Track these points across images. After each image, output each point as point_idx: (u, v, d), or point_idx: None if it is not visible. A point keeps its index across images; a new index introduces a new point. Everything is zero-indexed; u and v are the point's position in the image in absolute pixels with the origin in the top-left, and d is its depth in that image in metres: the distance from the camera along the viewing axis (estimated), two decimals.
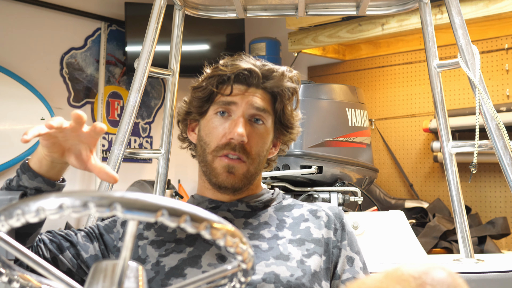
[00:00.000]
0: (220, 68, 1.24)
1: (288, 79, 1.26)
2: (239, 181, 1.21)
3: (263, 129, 1.24)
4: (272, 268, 1.12)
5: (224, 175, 1.20)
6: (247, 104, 1.21)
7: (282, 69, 1.25)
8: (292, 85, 1.27)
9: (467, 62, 1.61)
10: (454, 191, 1.65)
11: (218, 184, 1.22)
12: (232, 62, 1.24)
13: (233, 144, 1.19)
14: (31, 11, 3.41)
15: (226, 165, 1.20)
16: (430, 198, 3.52)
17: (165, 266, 1.15)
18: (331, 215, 1.25)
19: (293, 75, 1.27)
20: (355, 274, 1.21)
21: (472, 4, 2.92)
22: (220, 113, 1.23)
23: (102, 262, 0.71)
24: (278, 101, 1.26)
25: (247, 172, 1.21)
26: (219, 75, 1.23)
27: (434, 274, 0.63)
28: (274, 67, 1.25)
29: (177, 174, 3.85)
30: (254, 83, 1.23)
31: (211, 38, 3.91)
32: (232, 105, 1.22)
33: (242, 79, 1.22)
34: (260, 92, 1.24)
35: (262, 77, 1.23)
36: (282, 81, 1.25)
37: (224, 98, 1.22)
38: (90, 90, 3.70)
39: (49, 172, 1.05)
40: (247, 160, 1.20)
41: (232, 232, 0.69)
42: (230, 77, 1.22)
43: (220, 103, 1.23)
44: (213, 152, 1.21)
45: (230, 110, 1.22)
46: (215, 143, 1.21)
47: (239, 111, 1.21)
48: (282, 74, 1.25)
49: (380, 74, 3.83)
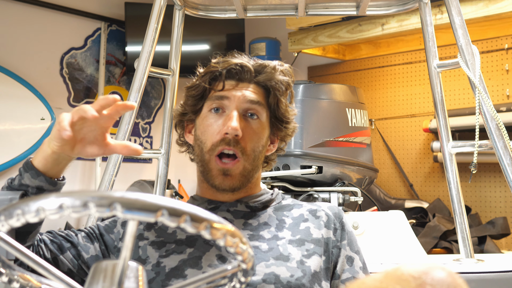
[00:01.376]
0: (212, 65, 1.25)
1: (280, 72, 1.26)
2: (237, 181, 1.21)
3: (258, 124, 1.24)
4: (272, 268, 1.12)
5: (220, 178, 1.20)
6: (240, 98, 1.22)
7: (273, 63, 1.27)
8: (285, 78, 1.27)
9: (467, 62, 1.61)
10: (454, 191, 1.65)
11: (215, 186, 1.22)
12: (224, 59, 1.26)
13: (227, 139, 1.19)
14: (31, 11, 3.41)
15: (220, 169, 1.20)
16: (430, 198, 3.52)
17: (166, 267, 1.15)
18: (331, 215, 1.25)
19: (284, 68, 1.28)
20: (354, 273, 1.21)
21: (472, 4, 2.92)
22: (214, 110, 1.23)
23: (102, 262, 0.71)
24: (271, 95, 1.26)
25: (243, 170, 1.21)
26: (211, 72, 1.24)
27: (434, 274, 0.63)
28: (265, 62, 1.26)
29: (177, 174, 3.85)
30: (246, 77, 1.24)
31: (211, 38, 3.91)
32: (225, 99, 1.22)
33: (234, 74, 1.23)
34: (252, 86, 1.25)
35: (254, 71, 1.24)
36: (274, 75, 1.25)
37: (217, 93, 1.23)
38: (90, 90, 3.70)
39: (53, 169, 1.05)
40: (242, 156, 1.20)
41: (232, 232, 0.69)
42: (221, 72, 1.23)
43: (213, 98, 1.24)
44: (210, 151, 1.21)
45: (223, 105, 1.23)
46: (210, 141, 1.21)
47: (232, 105, 1.21)
48: (273, 68, 1.26)
49: (380, 74, 3.83)
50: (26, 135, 3.25)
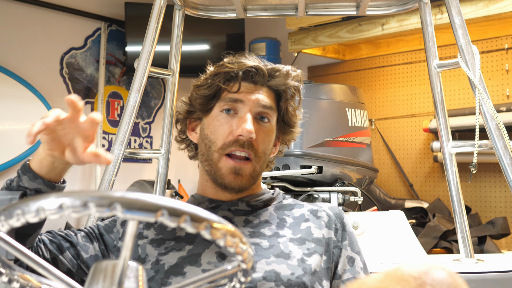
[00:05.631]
0: (227, 65, 1.24)
1: (292, 78, 1.27)
2: (246, 182, 1.22)
3: (269, 127, 1.25)
4: (272, 266, 1.12)
5: (231, 176, 1.20)
6: (254, 101, 1.22)
7: (286, 68, 1.27)
8: (296, 83, 1.28)
9: (467, 62, 1.61)
10: (454, 191, 1.65)
11: (224, 185, 1.22)
12: (238, 60, 1.25)
13: (241, 141, 1.19)
14: (31, 11, 3.41)
15: (232, 167, 1.20)
16: (430, 198, 3.52)
17: (165, 264, 1.15)
18: (332, 215, 1.25)
19: (297, 74, 1.29)
20: (355, 274, 1.21)
21: (472, 4, 2.92)
22: (226, 111, 1.23)
23: (102, 262, 0.71)
24: (282, 99, 1.28)
25: (253, 171, 1.22)
26: (226, 72, 1.23)
27: (434, 274, 0.63)
28: (278, 66, 1.27)
29: (177, 174, 3.85)
30: (260, 81, 1.24)
31: (211, 38, 3.91)
32: (238, 102, 1.22)
33: (249, 76, 1.23)
34: (265, 90, 1.25)
35: (268, 75, 1.24)
36: (287, 80, 1.26)
37: (231, 95, 1.22)
38: (90, 90, 3.70)
39: (50, 173, 1.05)
40: (254, 158, 1.21)
41: (232, 232, 0.69)
42: (237, 74, 1.22)
43: (226, 99, 1.23)
44: (220, 150, 1.21)
45: (236, 107, 1.22)
46: (221, 140, 1.21)
47: (246, 108, 1.21)
48: (287, 72, 1.26)
49: (380, 74, 3.83)
50: (26, 135, 3.24)
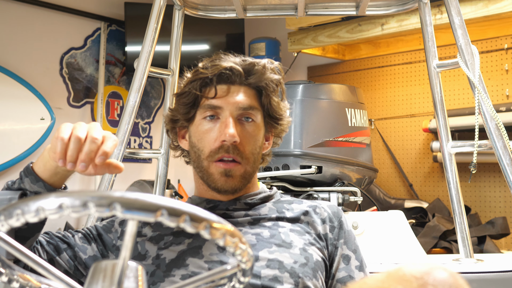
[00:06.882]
0: (201, 71, 1.23)
1: (270, 71, 1.25)
2: (238, 183, 1.21)
3: (254, 126, 1.23)
4: (275, 255, 1.13)
5: (223, 179, 1.20)
6: (233, 105, 1.20)
7: (263, 62, 1.25)
8: (275, 76, 1.26)
9: (466, 62, 1.61)
10: (454, 191, 1.65)
11: (217, 188, 1.22)
12: (212, 63, 1.23)
13: (226, 146, 1.18)
14: (31, 11, 3.41)
15: (222, 170, 1.20)
16: (430, 198, 3.52)
17: (166, 258, 1.15)
18: (330, 213, 1.26)
19: (274, 66, 1.27)
20: (350, 272, 1.21)
21: (472, 4, 2.92)
22: (209, 117, 1.22)
23: (101, 262, 0.71)
24: (263, 95, 1.25)
25: (244, 172, 1.22)
26: (201, 78, 1.22)
27: (436, 275, 0.63)
28: (254, 61, 1.25)
29: (177, 174, 3.85)
30: (237, 80, 1.22)
31: (211, 38, 3.91)
32: (217, 108, 1.21)
33: (225, 78, 1.21)
34: (244, 88, 1.23)
35: (244, 73, 1.22)
36: (264, 75, 1.24)
37: (209, 101, 1.21)
38: (90, 90, 3.70)
39: (52, 177, 1.05)
40: (241, 160, 1.20)
41: (231, 232, 0.69)
42: (212, 78, 1.21)
43: (206, 106, 1.22)
44: (208, 158, 1.21)
45: (217, 112, 1.21)
46: (208, 148, 1.20)
47: (226, 112, 1.20)
48: (263, 67, 1.24)
49: (379, 74, 3.83)
50: (25, 135, 3.25)
